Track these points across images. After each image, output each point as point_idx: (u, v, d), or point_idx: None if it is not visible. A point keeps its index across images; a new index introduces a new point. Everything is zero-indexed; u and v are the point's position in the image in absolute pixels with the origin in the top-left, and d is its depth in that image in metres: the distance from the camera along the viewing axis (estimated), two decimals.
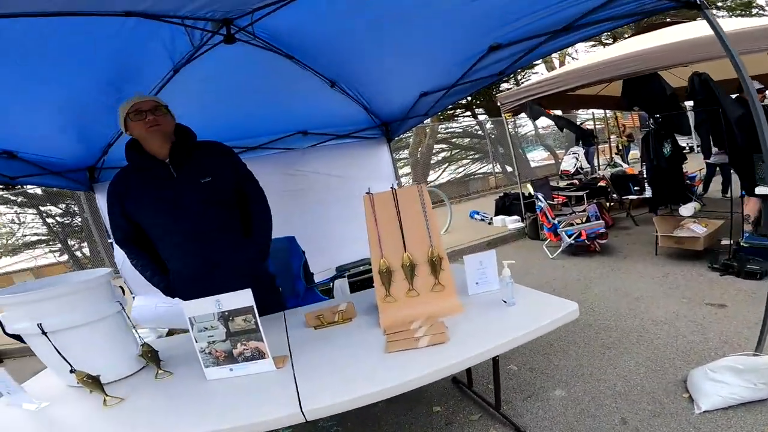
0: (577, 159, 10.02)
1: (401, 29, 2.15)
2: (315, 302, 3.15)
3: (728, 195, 4.95)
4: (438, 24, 2.10)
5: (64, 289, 1.27)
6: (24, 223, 9.58)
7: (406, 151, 12.72)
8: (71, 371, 1.26)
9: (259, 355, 1.29)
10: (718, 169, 6.09)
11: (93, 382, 1.26)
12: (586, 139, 8.90)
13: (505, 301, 1.50)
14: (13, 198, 9.28)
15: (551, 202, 5.08)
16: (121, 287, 1.53)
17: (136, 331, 1.46)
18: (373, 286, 1.53)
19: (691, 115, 4.76)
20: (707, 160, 5.85)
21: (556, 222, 4.70)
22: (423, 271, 1.53)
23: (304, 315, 1.57)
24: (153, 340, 1.85)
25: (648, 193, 4.45)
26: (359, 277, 4.24)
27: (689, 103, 4.72)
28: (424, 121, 12.23)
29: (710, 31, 1.84)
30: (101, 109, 2.20)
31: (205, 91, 2.56)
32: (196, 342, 1.30)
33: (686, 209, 4.08)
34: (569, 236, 4.67)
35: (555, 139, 14.62)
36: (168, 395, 1.29)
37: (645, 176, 4.45)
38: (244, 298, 1.25)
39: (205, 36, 1.93)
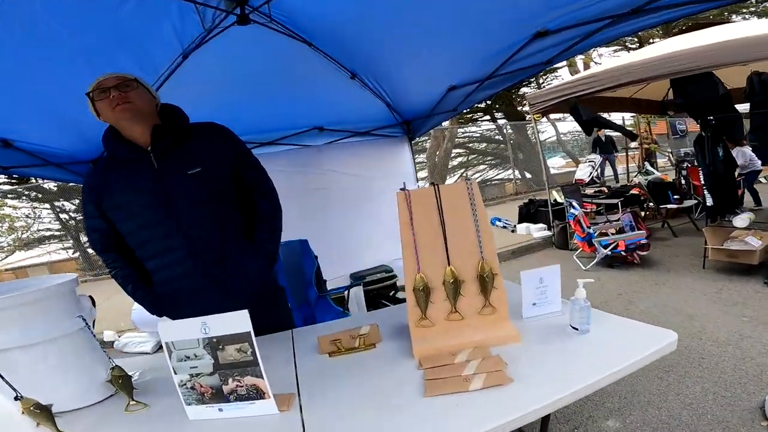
0: (593, 167, 9.58)
1: (430, 15, 1.85)
2: (328, 314, 2.87)
3: None
4: (473, 10, 1.79)
5: (6, 302, 0.98)
6: (39, 217, 9.57)
7: (423, 155, 12.43)
8: (16, 398, 0.97)
9: (256, 394, 0.97)
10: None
11: (41, 413, 0.97)
12: (623, 140, 8.40)
13: (575, 328, 1.16)
14: (27, 192, 9.26)
15: (585, 210, 4.68)
16: (90, 297, 1.23)
17: (105, 351, 1.16)
18: (393, 296, 1.20)
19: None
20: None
21: (591, 231, 4.31)
22: (470, 289, 1.20)
23: (318, 339, 1.25)
24: (150, 347, 1.56)
25: (709, 201, 4.01)
26: (376, 286, 3.93)
27: (740, 106, 4.31)
28: (443, 124, 12.00)
29: None
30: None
31: (215, 81, 2.32)
32: (175, 374, 0.99)
33: (740, 220, 3.66)
34: (605, 247, 4.27)
35: (574, 146, 14.12)
36: None
37: (703, 183, 4.02)
38: (239, 322, 0.94)
39: (218, 16, 1.74)
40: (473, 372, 1.01)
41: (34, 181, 8.71)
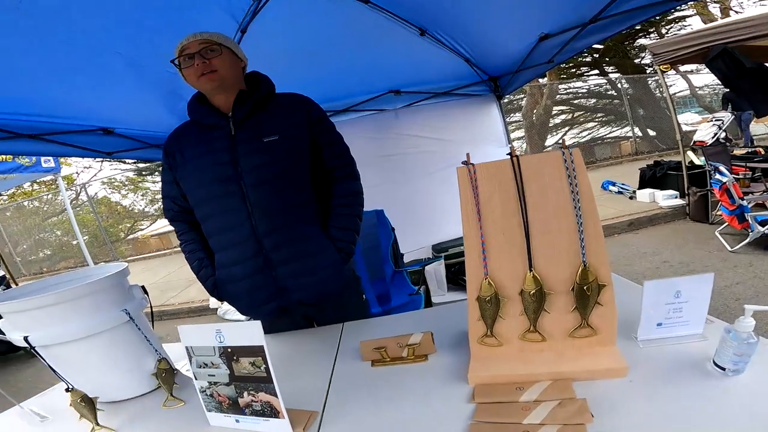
0: (719, 127, 7.52)
1: None
2: (403, 291, 2.71)
3: None
4: None
5: (50, 299, 0.97)
6: None
7: (518, 114, 11.27)
8: (67, 390, 0.98)
9: (271, 411, 0.83)
10: None
11: (86, 406, 0.96)
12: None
13: (721, 368, 0.77)
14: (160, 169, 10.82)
15: (737, 176, 3.66)
16: (142, 287, 1.21)
17: (151, 344, 1.12)
18: None
19: None
20: None
21: (744, 203, 3.35)
22: (560, 303, 0.86)
23: (360, 344, 1.06)
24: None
25: None
26: (458, 259, 3.64)
27: None
28: (541, 80, 10.61)
29: None
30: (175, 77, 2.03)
31: (276, 51, 2.20)
32: (196, 379, 0.89)
33: None
34: (761, 224, 3.29)
35: (714, 100, 11.34)
36: None
37: None
38: (251, 333, 0.79)
39: None
40: (540, 422, 0.71)
41: None
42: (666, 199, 4.98)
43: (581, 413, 0.71)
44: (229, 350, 0.82)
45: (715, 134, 7.42)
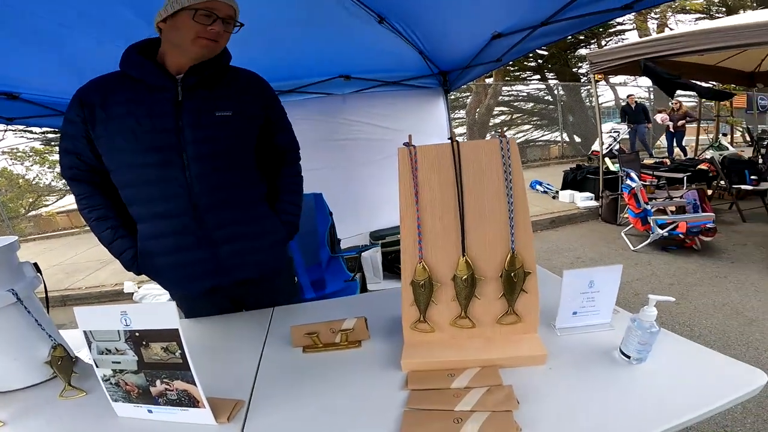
0: (614, 139, 8.53)
1: None
2: (339, 277, 2.68)
3: None
4: None
5: None
6: None
7: (462, 111, 11.67)
8: None
9: (189, 400, 0.76)
10: None
11: None
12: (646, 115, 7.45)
13: (626, 356, 0.85)
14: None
15: (644, 183, 4.11)
16: (35, 264, 1.04)
17: (43, 329, 0.98)
18: None
19: None
20: None
21: (648, 207, 3.78)
22: (490, 289, 0.89)
23: (291, 329, 1.01)
24: (168, 299, 1.40)
25: None
26: (395, 247, 3.69)
27: None
28: (487, 80, 11.06)
29: None
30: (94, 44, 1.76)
31: None
32: (97, 367, 0.79)
33: None
34: (661, 227, 3.75)
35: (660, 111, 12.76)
36: (65, 425, 0.82)
37: None
38: (165, 316, 0.70)
39: None
40: (470, 408, 0.73)
41: None
42: (583, 200, 5.48)
43: (508, 400, 0.74)
44: (137, 334, 0.73)
45: (610, 145, 8.25)
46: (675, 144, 8.31)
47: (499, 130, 11.88)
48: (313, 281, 2.53)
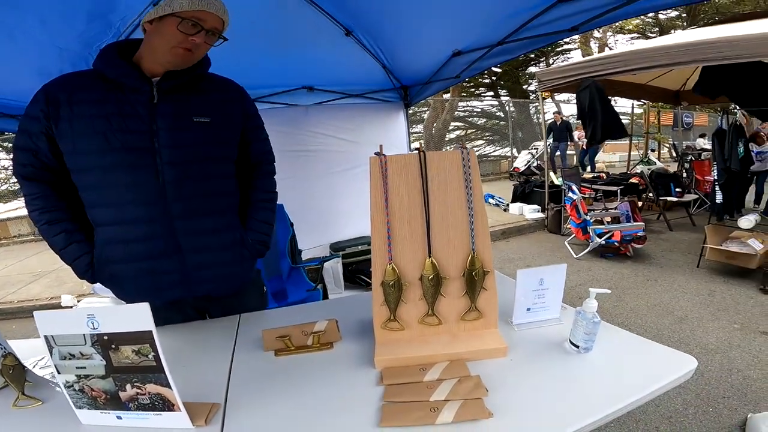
0: (532, 156, 9.10)
1: None
2: (300, 288, 2.66)
3: None
4: None
5: None
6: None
7: (420, 126, 12.04)
8: None
9: (163, 404, 0.75)
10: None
11: None
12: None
13: (575, 346, 0.95)
14: (3, 144, 8.73)
15: (584, 195, 4.46)
16: None
17: None
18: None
19: None
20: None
21: (587, 218, 4.10)
22: (453, 288, 0.96)
23: (262, 332, 1.02)
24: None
25: (719, 198, 3.81)
26: (356, 259, 3.72)
27: None
28: (444, 95, 11.53)
29: None
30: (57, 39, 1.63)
31: None
32: (59, 373, 0.75)
33: (746, 221, 3.48)
34: (599, 236, 4.09)
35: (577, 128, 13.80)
36: None
37: (716, 179, 3.80)
38: (138, 317, 0.70)
39: None
40: (444, 398, 0.79)
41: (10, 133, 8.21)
42: (531, 212, 5.84)
43: (478, 388, 0.80)
44: (106, 338, 0.72)
45: (528, 162, 8.78)
46: (587, 161, 8.57)
47: (460, 143, 12.36)
48: (274, 292, 2.50)
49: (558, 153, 9.09)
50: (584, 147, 8.45)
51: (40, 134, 1.05)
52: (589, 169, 7.61)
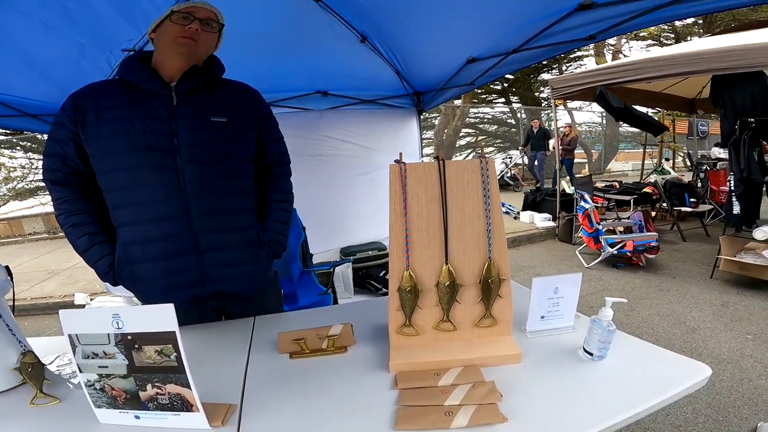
0: (506, 165, 8.88)
1: None
2: (310, 292, 2.68)
3: None
4: None
5: None
6: (36, 168, 9.28)
7: (431, 132, 12.04)
8: None
9: (182, 405, 0.76)
10: None
11: None
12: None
13: (589, 353, 0.94)
14: (22, 143, 8.97)
15: (596, 205, 4.42)
16: (6, 267, 1.00)
17: (13, 334, 0.94)
18: (384, 276, 0.97)
19: None
20: None
21: (600, 227, 4.06)
22: (469, 295, 0.97)
23: (278, 335, 1.03)
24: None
25: (736, 209, 3.75)
26: (366, 264, 3.73)
27: None
28: (455, 102, 11.53)
29: None
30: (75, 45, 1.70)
31: None
32: (80, 372, 0.77)
33: (761, 232, 3.41)
34: (611, 245, 4.04)
35: (587, 137, 13.66)
36: None
37: (732, 189, 3.74)
38: (162, 318, 0.72)
39: None
40: (459, 402, 0.79)
41: (29, 132, 8.43)
42: (542, 221, 5.79)
43: (492, 393, 0.80)
44: (130, 338, 0.74)
45: (502, 171, 8.57)
46: (564, 172, 7.82)
47: (464, 153, 12.35)
48: (284, 295, 2.51)
49: (536, 162, 8.86)
50: (561, 157, 8.30)
51: (67, 140, 1.11)
52: (568, 178, 7.39)
